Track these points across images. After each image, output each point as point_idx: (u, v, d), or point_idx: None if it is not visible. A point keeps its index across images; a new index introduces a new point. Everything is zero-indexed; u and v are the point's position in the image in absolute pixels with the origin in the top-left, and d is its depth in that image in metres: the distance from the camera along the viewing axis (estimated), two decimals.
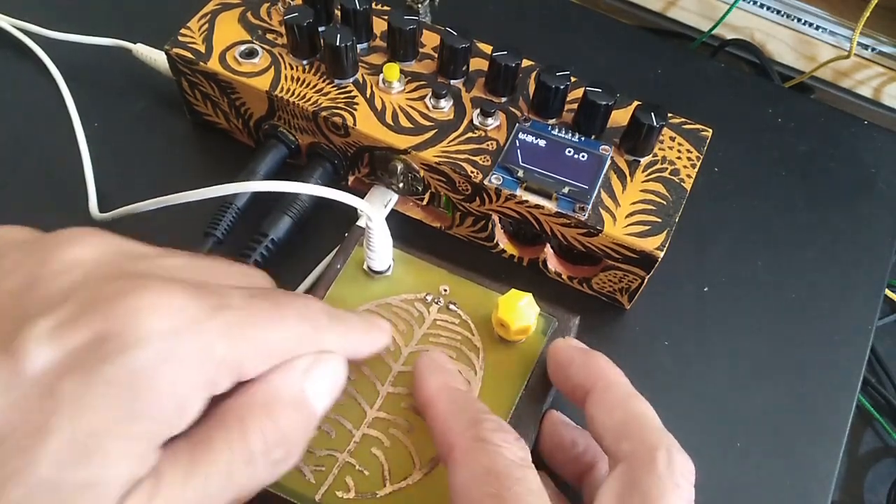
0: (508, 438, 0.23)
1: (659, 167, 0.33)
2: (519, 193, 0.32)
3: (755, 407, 0.33)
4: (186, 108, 0.39)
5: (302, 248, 0.35)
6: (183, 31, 0.36)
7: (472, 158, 0.33)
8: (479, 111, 0.34)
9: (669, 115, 0.34)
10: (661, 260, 0.31)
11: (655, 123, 0.32)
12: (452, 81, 0.35)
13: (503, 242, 0.36)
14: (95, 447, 0.18)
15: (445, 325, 0.30)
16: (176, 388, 0.19)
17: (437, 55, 0.35)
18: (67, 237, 0.21)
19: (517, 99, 0.35)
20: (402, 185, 0.35)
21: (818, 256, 0.38)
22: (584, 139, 0.33)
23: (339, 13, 0.36)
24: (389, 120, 0.34)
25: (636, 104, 0.33)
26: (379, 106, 0.34)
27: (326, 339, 0.23)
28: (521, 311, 0.28)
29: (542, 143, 0.33)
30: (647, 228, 0.31)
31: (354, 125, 0.33)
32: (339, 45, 0.33)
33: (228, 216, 0.33)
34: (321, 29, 0.35)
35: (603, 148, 0.33)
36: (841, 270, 0.38)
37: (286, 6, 0.37)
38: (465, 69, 0.35)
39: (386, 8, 0.38)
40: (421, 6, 0.42)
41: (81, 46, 0.41)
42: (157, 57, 0.39)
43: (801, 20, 0.53)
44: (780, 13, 0.53)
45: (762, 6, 0.53)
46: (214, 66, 0.35)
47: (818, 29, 0.53)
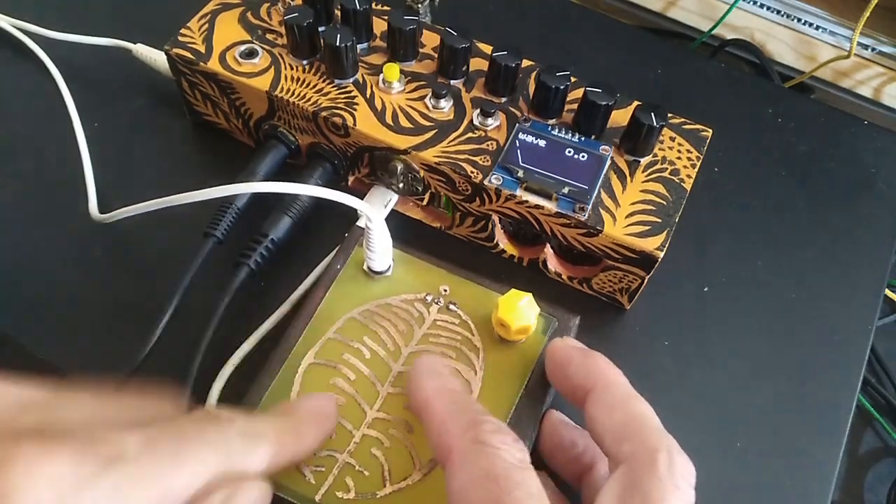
0: (507, 440, 0.23)
1: (659, 167, 0.33)
2: (519, 193, 0.32)
3: (755, 407, 0.33)
4: (186, 108, 0.39)
5: (302, 248, 0.35)
6: (183, 31, 0.36)
7: (472, 158, 0.33)
8: (479, 111, 0.34)
9: (669, 115, 0.34)
10: (661, 260, 0.31)
11: (655, 123, 0.32)
12: (452, 81, 0.35)
13: (503, 242, 0.36)
14: None
15: (445, 325, 0.30)
16: None
17: (437, 55, 0.35)
18: None
19: (517, 99, 0.35)
20: (402, 185, 0.35)
21: (818, 256, 0.38)
22: (584, 139, 0.33)
23: (339, 13, 0.36)
24: (389, 120, 0.34)
25: (636, 104, 0.33)
26: (379, 106, 0.34)
27: (244, 462, 0.22)
28: (521, 311, 0.28)
29: (542, 143, 0.33)
30: (647, 228, 0.31)
31: (354, 125, 0.33)
32: (339, 45, 0.33)
33: (228, 216, 0.33)
34: (321, 29, 0.35)
35: (603, 148, 0.33)
36: (841, 270, 0.38)
37: (286, 6, 0.37)
38: (465, 69, 0.35)
39: (386, 8, 0.38)
40: (421, 6, 0.42)
41: (81, 46, 0.41)
42: (157, 57, 0.39)
43: (801, 20, 0.53)
44: (780, 13, 0.53)
45: (762, 6, 0.53)
46: (214, 66, 0.35)
47: (818, 29, 0.53)
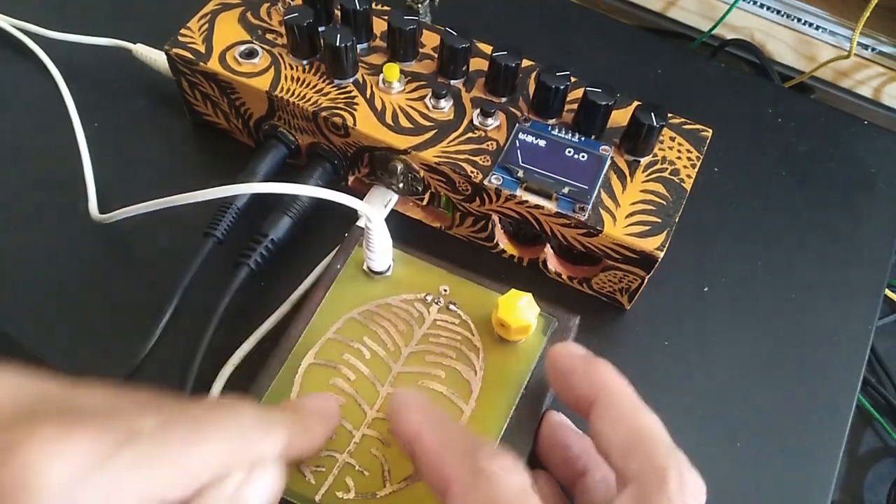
0: (506, 464, 0.22)
1: (659, 167, 0.33)
2: (519, 193, 0.32)
3: (755, 407, 0.33)
4: (186, 108, 0.39)
5: (302, 248, 0.35)
6: (183, 31, 0.36)
7: (472, 158, 0.33)
8: (479, 111, 0.34)
9: (669, 115, 0.34)
10: (661, 260, 0.31)
11: (655, 123, 0.32)
12: (452, 81, 0.35)
13: (503, 242, 0.36)
14: None
15: (445, 325, 0.30)
16: None
17: (437, 55, 0.35)
18: None
19: (517, 99, 0.35)
20: (402, 185, 0.35)
21: (818, 256, 0.38)
22: (584, 139, 0.33)
23: (339, 13, 0.36)
24: (389, 120, 0.34)
25: (636, 104, 0.33)
26: (379, 106, 0.34)
27: (259, 448, 0.22)
28: (521, 311, 0.28)
29: (542, 143, 0.33)
30: (647, 229, 0.31)
31: (354, 125, 0.33)
32: (339, 45, 0.33)
33: (228, 216, 0.33)
34: (321, 29, 0.35)
35: (603, 148, 0.33)
36: (841, 270, 0.38)
37: (286, 6, 0.37)
38: (465, 69, 0.35)
39: (386, 8, 0.38)
40: (421, 6, 0.42)
41: (81, 46, 0.41)
42: (157, 57, 0.39)
43: (801, 20, 0.53)
44: (780, 13, 0.53)
45: (762, 6, 0.53)
46: (214, 66, 0.35)
47: (818, 29, 0.53)
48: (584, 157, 0.33)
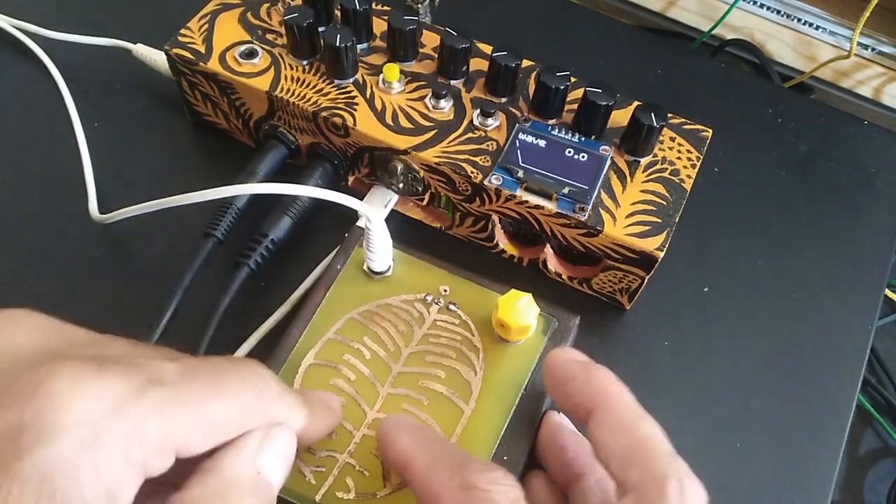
0: (496, 478, 0.22)
1: (659, 167, 0.33)
2: (519, 194, 0.32)
3: (755, 407, 0.33)
4: (186, 108, 0.39)
5: (302, 248, 0.35)
6: (183, 31, 0.36)
7: (472, 159, 0.33)
8: (479, 111, 0.34)
9: (669, 115, 0.34)
10: (661, 260, 0.31)
11: (655, 124, 0.32)
12: (452, 82, 0.35)
13: (503, 242, 0.36)
14: None
15: (445, 325, 0.30)
16: (101, 475, 0.18)
17: (437, 55, 0.35)
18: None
19: (517, 99, 0.35)
20: (402, 185, 0.35)
21: (818, 256, 0.38)
22: (584, 139, 0.33)
23: (339, 13, 0.36)
24: (389, 120, 0.34)
25: (636, 104, 0.33)
26: (379, 106, 0.34)
27: (274, 409, 0.22)
28: (521, 311, 0.28)
29: (542, 143, 0.33)
30: (647, 229, 0.31)
31: (354, 125, 0.33)
32: (339, 45, 0.33)
33: (228, 216, 0.33)
34: (321, 29, 0.35)
35: (603, 148, 0.33)
36: (841, 270, 0.38)
37: (286, 6, 0.37)
38: (465, 69, 0.35)
39: (386, 8, 0.38)
40: (421, 6, 0.42)
41: (81, 46, 0.41)
42: (157, 57, 0.39)
43: (801, 20, 0.53)
44: (780, 13, 0.53)
45: (762, 6, 0.53)
46: (214, 66, 0.35)
47: (818, 29, 0.53)
48: (584, 157, 0.33)
